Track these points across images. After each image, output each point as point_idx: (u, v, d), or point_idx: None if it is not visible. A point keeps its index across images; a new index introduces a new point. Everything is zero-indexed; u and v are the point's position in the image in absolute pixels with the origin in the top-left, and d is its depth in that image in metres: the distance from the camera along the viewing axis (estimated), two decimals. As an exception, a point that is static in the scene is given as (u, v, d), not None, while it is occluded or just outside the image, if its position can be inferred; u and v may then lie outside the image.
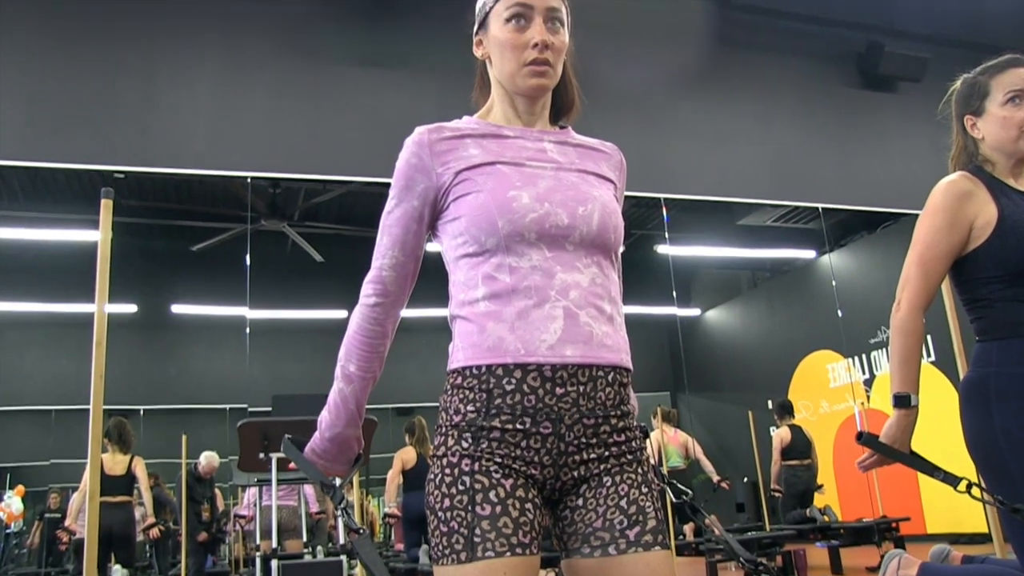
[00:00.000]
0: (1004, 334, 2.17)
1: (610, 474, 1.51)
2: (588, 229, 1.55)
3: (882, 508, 8.46)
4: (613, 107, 6.32)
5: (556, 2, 1.63)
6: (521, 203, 1.52)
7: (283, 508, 7.36)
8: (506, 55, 1.62)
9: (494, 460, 1.45)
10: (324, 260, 8.78)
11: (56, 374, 9.13)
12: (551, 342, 1.47)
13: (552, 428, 1.47)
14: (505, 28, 1.61)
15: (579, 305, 1.50)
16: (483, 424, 1.47)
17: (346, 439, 1.68)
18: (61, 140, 5.41)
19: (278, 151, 5.87)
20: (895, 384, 2.23)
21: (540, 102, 1.69)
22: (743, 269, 13.03)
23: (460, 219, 1.56)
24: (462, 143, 1.62)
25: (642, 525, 1.46)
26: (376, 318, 1.63)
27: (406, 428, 7.77)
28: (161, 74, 5.69)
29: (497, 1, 1.63)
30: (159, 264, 9.60)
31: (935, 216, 2.25)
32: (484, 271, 1.53)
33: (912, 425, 2.23)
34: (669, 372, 11.85)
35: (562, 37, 1.63)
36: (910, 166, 7.19)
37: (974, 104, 2.37)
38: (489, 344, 1.49)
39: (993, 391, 2.15)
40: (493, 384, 1.47)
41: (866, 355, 10.25)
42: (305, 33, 6.10)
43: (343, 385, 1.65)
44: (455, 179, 1.58)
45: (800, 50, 7.43)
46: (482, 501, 1.41)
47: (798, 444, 8.61)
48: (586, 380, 1.48)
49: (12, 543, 9.02)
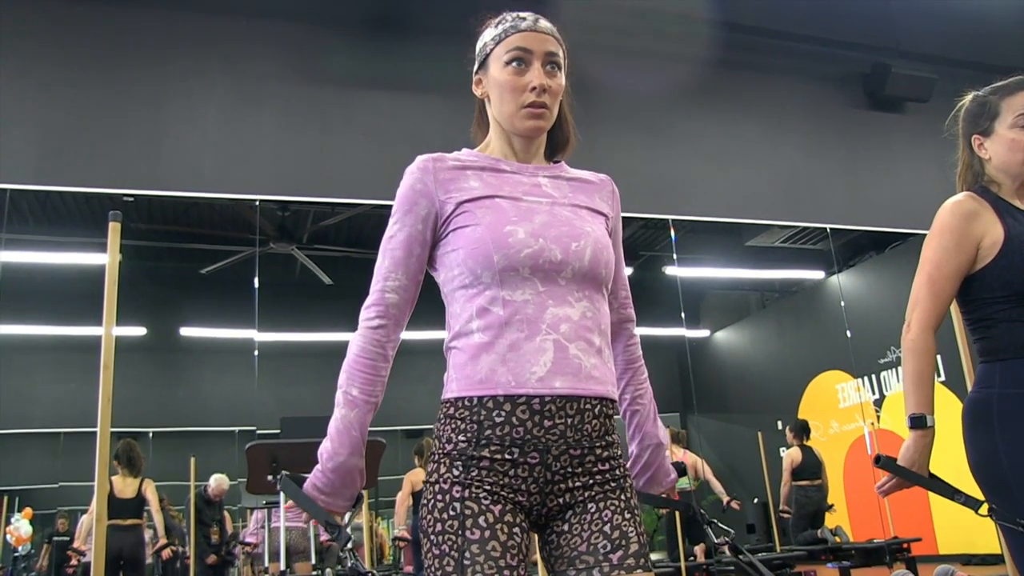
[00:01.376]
0: (1008, 355, 2.16)
1: (594, 501, 1.56)
2: (580, 264, 1.59)
3: (893, 529, 8.40)
4: (621, 128, 6.34)
5: (554, 47, 1.68)
6: (517, 238, 1.56)
7: (292, 530, 7.34)
8: (505, 97, 1.67)
9: (483, 487, 1.50)
10: (332, 283, 8.79)
11: (65, 397, 9.14)
12: (540, 374, 1.51)
13: (539, 458, 1.52)
14: (504, 71, 1.66)
15: (569, 338, 1.55)
16: (473, 454, 1.51)
17: (349, 470, 1.63)
18: (71, 164, 5.44)
19: (286, 174, 5.89)
20: (910, 405, 2.22)
21: (536, 141, 1.74)
22: (752, 290, 13.00)
23: (458, 251, 1.60)
24: (463, 174, 1.66)
25: (625, 549, 1.52)
26: (379, 340, 1.63)
27: (415, 450, 7.76)
28: (169, 98, 5.72)
29: (497, 44, 1.68)
30: (168, 287, 9.63)
31: (942, 236, 2.25)
32: (479, 304, 1.57)
33: (929, 446, 2.21)
34: (678, 393, 11.81)
35: (559, 80, 1.69)
36: (918, 186, 7.18)
37: (983, 124, 2.35)
38: (481, 376, 1.53)
39: (996, 412, 2.14)
40: (484, 416, 1.52)
41: (876, 375, 10.20)
42: (313, 57, 6.13)
43: (346, 411, 1.62)
44: (456, 210, 1.62)
45: (807, 71, 7.45)
46: (472, 526, 1.47)
47: (809, 464, 8.56)
48: (574, 413, 1.53)
49: (21, 566, 8.99)
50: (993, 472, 2.13)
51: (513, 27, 1.67)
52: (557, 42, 1.69)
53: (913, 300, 2.27)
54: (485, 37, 1.72)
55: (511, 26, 1.67)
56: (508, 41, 1.66)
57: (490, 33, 1.71)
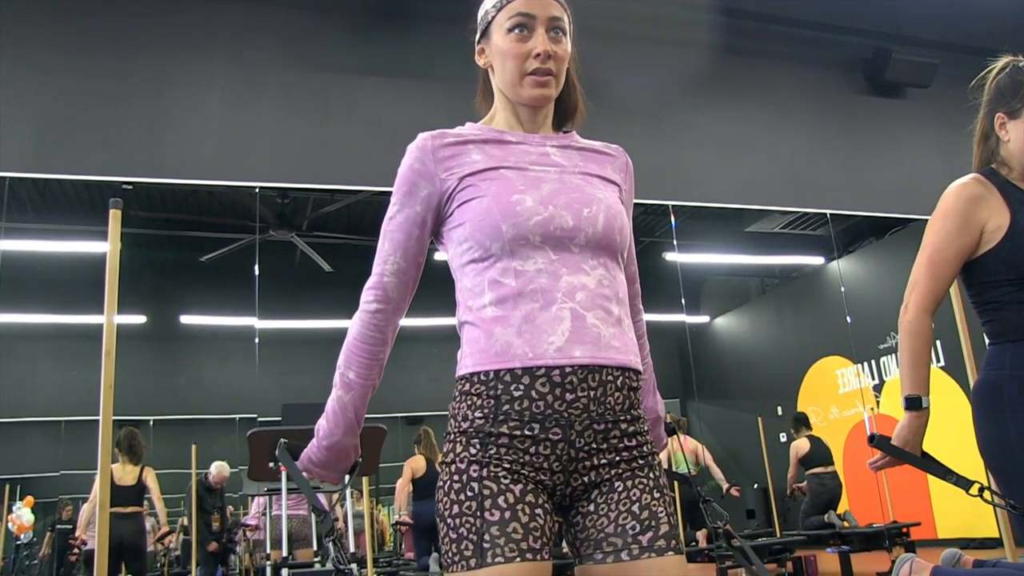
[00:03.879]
0: (1017, 336, 2.15)
1: (621, 479, 1.49)
2: (593, 231, 1.54)
3: (892, 513, 8.42)
4: (621, 114, 6.33)
5: (558, 11, 1.62)
6: (525, 207, 1.51)
7: (293, 517, 7.35)
8: (508, 65, 1.62)
9: (502, 466, 1.44)
10: (333, 270, 8.79)
11: (65, 385, 9.15)
12: (559, 344, 1.45)
13: (562, 434, 1.45)
14: (507, 38, 1.61)
15: (586, 307, 1.49)
16: (491, 430, 1.45)
17: (344, 448, 1.66)
18: (70, 152, 5.43)
19: (286, 161, 5.88)
20: (905, 387, 2.22)
21: (543, 110, 1.69)
22: (752, 276, 13.00)
23: (464, 225, 1.55)
24: (465, 149, 1.61)
25: (655, 530, 1.45)
26: (377, 324, 1.62)
27: (414, 439, 7.78)
28: (169, 85, 5.71)
29: (499, 10, 1.63)
30: (168, 275, 9.63)
31: (946, 219, 2.23)
32: (490, 276, 1.52)
33: (923, 427, 2.21)
34: (678, 379, 11.82)
35: (564, 46, 1.63)
36: (918, 172, 7.18)
37: (1013, 104, 2.28)
38: (496, 349, 1.47)
39: (1006, 394, 2.13)
40: (501, 390, 1.45)
41: (875, 361, 10.21)
42: (313, 44, 6.12)
43: (342, 393, 1.63)
44: (459, 185, 1.57)
45: (808, 57, 7.42)
46: (491, 507, 1.40)
47: (818, 453, 8.57)
48: (596, 385, 1.46)
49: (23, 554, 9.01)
50: (1004, 454, 2.13)
51: None
52: (561, 6, 1.63)
53: (912, 281, 2.26)
54: (486, 5, 1.67)
55: None
56: (510, 7, 1.61)
57: (491, 0, 1.66)
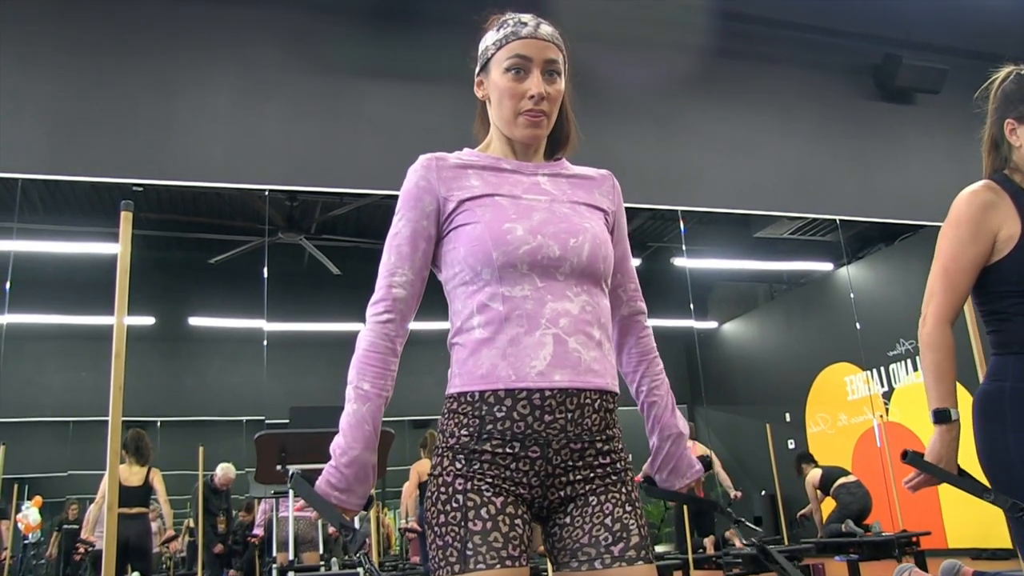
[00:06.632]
0: (1021, 348, 2.13)
1: (595, 494, 1.59)
2: (578, 260, 1.62)
3: (902, 522, 8.39)
4: (630, 119, 6.32)
5: (554, 53, 1.71)
6: (515, 235, 1.60)
7: (299, 520, 7.36)
8: (504, 102, 1.70)
9: (485, 480, 1.54)
10: (341, 273, 8.80)
11: (74, 386, 9.18)
12: (540, 368, 1.54)
13: (540, 452, 1.55)
14: (504, 76, 1.70)
15: (568, 332, 1.58)
16: (475, 448, 1.55)
17: (363, 464, 1.61)
18: (81, 153, 5.44)
19: (295, 164, 5.88)
20: (932, 400, 2.17)
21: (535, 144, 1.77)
22: (760, 281, 12.99)
23: (458, 249, 1.64)
24: (464, 173, 1.71)
25: (626, 541, 1.55)
26: (388, 335, 1.65)
27: (420, 443, 7.78)
28: (179, 87, 5.72)
29: (499, 49, 1.71)
30: (177, 276, 9.65)
31: (958, 227, 2.20)
32: (479, 300, 1.60)
33: (956, 440, 2.16)
34: (686, 385, 11.80)
35: (558, 86, 1.72)
36: (928, 178, 7.14)
37: (1022, 109, 2.24)
38: (482, 372, 1.56)
39: (1008, 405, 2.11)
40: (485, 411, 1.55)
41: (884, 367, 10.17)
42: (322, 46, 6.12)
43: (358, 406, 1.61)
44: (457, 208, 1.66)
45: (817, 62, 7.40)
46: (474, 517, 1.51)
47: (833, 470, 8.58)
48: (574, 407, 1.56)
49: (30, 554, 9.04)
50: (1004, 464, 2.10)
51: (514, 33, 1.69)
52: (557, 48, 1.71)
53: (928, 293, 2.22)
54: (487, 40, 1.75)
55: (512, 32, 1.70)
56: (510, 47, 1.69)
57: (492, 37, 1.73)
